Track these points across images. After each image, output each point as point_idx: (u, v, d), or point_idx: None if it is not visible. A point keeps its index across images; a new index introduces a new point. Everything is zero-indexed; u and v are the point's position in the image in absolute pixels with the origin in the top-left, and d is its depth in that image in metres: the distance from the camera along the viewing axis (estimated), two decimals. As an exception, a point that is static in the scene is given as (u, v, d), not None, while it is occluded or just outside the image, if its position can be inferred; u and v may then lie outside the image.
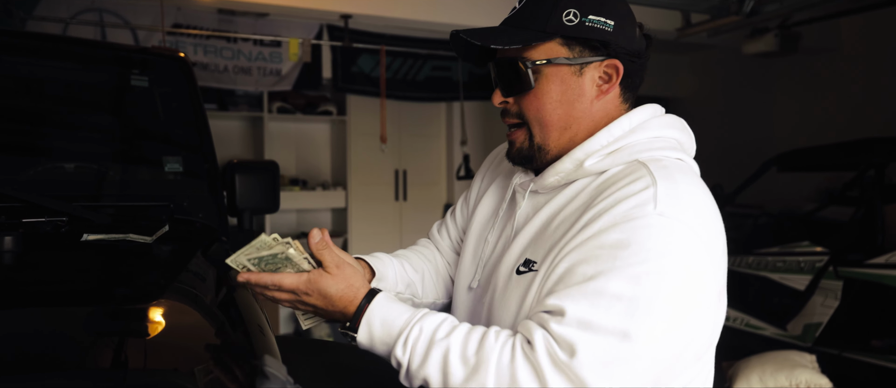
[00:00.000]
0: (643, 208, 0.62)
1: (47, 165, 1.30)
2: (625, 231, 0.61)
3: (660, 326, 0.59)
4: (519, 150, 0.75)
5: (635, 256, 0.60)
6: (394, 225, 4.30)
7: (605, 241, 0.62)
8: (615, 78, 0.72)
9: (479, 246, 0.83)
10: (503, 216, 0.81)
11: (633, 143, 0.70)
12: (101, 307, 0.84)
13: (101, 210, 1.14)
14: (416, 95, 4.00)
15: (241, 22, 3.55)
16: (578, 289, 0.61)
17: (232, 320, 0.90)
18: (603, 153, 0.70)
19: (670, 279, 0.59)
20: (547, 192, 0.75)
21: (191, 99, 1.43)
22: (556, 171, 0.73)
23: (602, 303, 0.59)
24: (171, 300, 0.92)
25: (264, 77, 3.69)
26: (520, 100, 0.73)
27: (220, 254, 1.21)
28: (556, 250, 0.67)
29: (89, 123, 1.40)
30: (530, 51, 0.71)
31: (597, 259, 0.62)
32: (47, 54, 1.34)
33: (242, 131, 4.20)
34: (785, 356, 2.45)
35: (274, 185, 1.50)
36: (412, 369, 0.65)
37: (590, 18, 0.69)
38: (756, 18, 2.78)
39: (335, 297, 0.69)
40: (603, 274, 0.60)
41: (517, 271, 0.72)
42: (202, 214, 1.31)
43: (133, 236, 0.72)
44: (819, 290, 2.79)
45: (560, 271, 0.65)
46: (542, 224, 0.73)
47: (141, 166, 1.41)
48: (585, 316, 0.59)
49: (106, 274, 0.97)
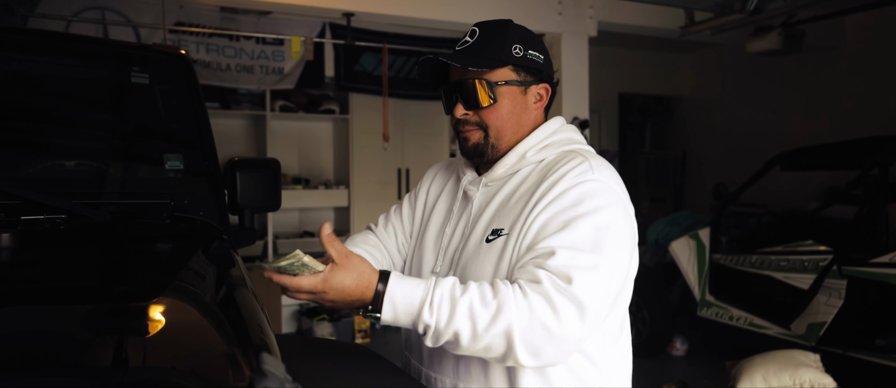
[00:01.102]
0: (586, 174, 0.88)
1: (47, 162, 1.30)
2: (578, 191, 0.86)
3: (615, 245, 0.84)
4: (475, 145, 0.96)
5: (590, 204, 0.85)
6: (395, 224, 4.30)
7: (566, 200, 0.86)
8: (545, 97, 0.99)
9: (439, 238, 1.02)
10: (458, 211, 1.02)
11: (557, 140, 0.96)
12: (101, 305, 0.84)
13: (101, 208, 1.13)
14: (418, 93, 3.99)
15: (244, 20, 3.55)
16: (557, 234, 0.83)
17: (231, 319, 0.90)
18: (538, 148, 0.96)
19: (615, 217, 0.86)
20: (495, 182, 0.98)
21: (191, 96, 1.43)
22: (503, 164, 0.96)
23: (577, 241, 0.82)
24: (170, 298, 0.92)
25: (267, 75, 3.69)
26: (480, 112, 0.95)
27: (221, 252, 1.21)
28: (524, 216, 0.88)
29: (90, 120, 1.39)
30: (490, 74, 0.93)
31: (563, 212, 0.85)
32: (48, 51, 1.34)
33: (245, 130, 4.21)
34: (789, 356, 2.44)
35: (275, 183, 1.49)
36: (440, 327, 0.79)
37: (530, 52, 0.95)
38: (759, 16, 2.76)
39: (351, 287, 0.81)
40: (572, 220, 0.84)
41: (487, 240, 0.92)
42: (203, 211, 1.31)
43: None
44: (823, 289, 2.77)
45: (535, 228, 0.86)
46: (501, 203, 0.94)
47: (141, 164, 1.40)
48: (568, 243, 0.81)
49: (105, 272, 0.97)
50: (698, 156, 5.57)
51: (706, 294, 3.32)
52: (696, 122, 5.71)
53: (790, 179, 3.97)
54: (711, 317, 3.27)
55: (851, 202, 3.37)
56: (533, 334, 0.76)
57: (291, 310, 4.15)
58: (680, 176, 5.70)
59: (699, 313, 3.32)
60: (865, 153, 2.93)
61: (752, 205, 4.12)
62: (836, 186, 4.02)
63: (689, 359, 3.35)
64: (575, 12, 3.57)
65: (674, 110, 5.96)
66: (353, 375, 1.04)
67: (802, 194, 4.29)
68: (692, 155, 5.66)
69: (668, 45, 5.15)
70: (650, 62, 5.60)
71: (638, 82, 5.60)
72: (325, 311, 3.91)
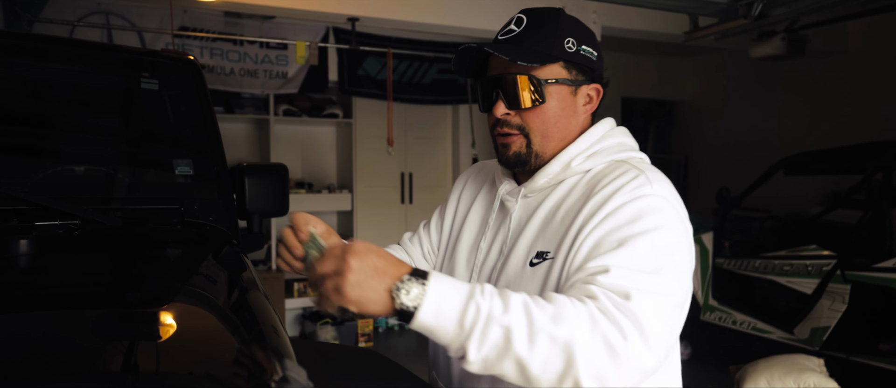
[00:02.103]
0: (643, 188, 0.77)
1: (57, 167, 1.30)
2: (635, 207, 0.75)
3: (676, 269, 0.73)
4: (516, 154, 0.84)
5: (648, 221, 0.74)
6: (399, 228, 4.30)
7: (621, 216, 0.75)
8: (596, 99, 0.87)
9: (472, 254, 0.92)
10: (494, 224, 0.91)
11: (606, 147, 0.85)
12: (115, 310, 0.84)
13: (112, 213, 1.14)
14: (422, 97, 4.00)
15: (248, 25, 3.56)
16: (612, 253, 0.72)
17: (246, 323, 0.90)
18: (585, 155, 0.84)
19: (676, 237, 0.75)
20: (536, 194, 0.86)
21: (200, 102, 1.44)
22: (546, 174, 0.85)
23: (635, 260, 0.71)
24: (184, 303, 0.91)
25: (270, 80, 3.70)
26: (523, 113, 0.83)
27: (232, 257, 1.21)
28: (572, 237, 0.77)
29: (99, 126, 1.41)
30: (539, 70, 0.81)
31: (618, 230, 0.74)
32: (57, 57, 1.35)
33: (248, 134, 4.21)
34: (793, 360, 2.44)
35: (283, 188, 1.50)
36: (495, 313, 0.63)
37: (583, 48, 0.83)
38: (764, 22, 2.77)
39: (379, 261, 0.64)
40: (629, 238, 0.72)
41: (530, 264, 0.81)
42: (212, 217, 1.31)
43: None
44: (826, 294, 2.77)
45: (586, 248, 0.75)
46: (544, 220, 0.83)
47: (151, 169, 1.41)
48: (625, 263, 0.70)
49: (118, 277, 0.98)
50: (701, 160, 5.58)
51: (709, 298, 3.32)
52: (699, 126, 5.72)
53: (792, 184, 3.97)
54: (715, 321, 3.26)
55: (854, 207, 3.37)
56: (595, 351, 0.63)
57: (295, 314, 4.15)
58: (682, 180, 5.70)
59: (702, 318, 3.32)
60: (869, 158, 2.93)
61: (755, 209, 4.12)
62: (838, 190, 4.02)
63: (692, 364, 3.34)
64: (579, 16, 3.54)
65: (676, 115, 5.97)
66: (358, 378, 1.04)
67: (805, 199, 4.29)
68: (695, 159, 5.66)
69: (672, 50, 5.17)
70: (653, 67, 5.61)
71: (641, 87, 5.61)
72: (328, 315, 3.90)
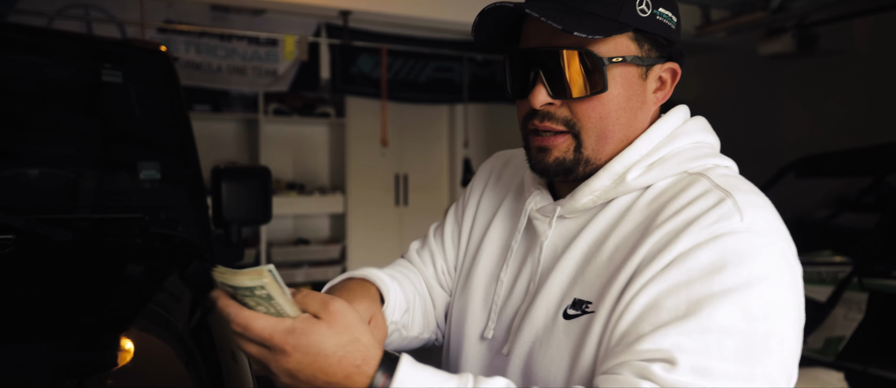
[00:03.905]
0: (728, 222, 0.52)
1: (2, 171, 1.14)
2: (714, 251, 0.51)
3: (779, 352, 0.50)
4: (559, 161, 0.60)
5: (734, 279, 0.50)
6: (394, 231, 4.16)
7: (694, 265, 0.51)
8: (670, 83, 0.63)
9: (489, 288, 0.69)
10: (519, 250, 0.68)
11: (676, 151, 0.61)
12: (64, 341, 0.74)
13: (58, 225, 0.98)
14: (417, 96, 3.86)
15: (236, 19, 3.41)
16: (678, 327, 0.49)
17: (203, 349, 0.80)
18: (644, 165, 0.60)
19: (781, 298, 0.51)
20: (576, 215, 0.63)
21: (171, 97, 1.28)
22: (590, 189, 0.61)
23: (712, 343, 0.48)
24: (139, 331, 0.81)
25: (260, 77, 3.54)
26: (573, 103, 0.59)
27: (200, 273, 1.06)
28: (620, 284, 0.55)
29: (52, 124, 1.24)
30: (599, 44, 0.57)
31: (688, 288, 0.51)
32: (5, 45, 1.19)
33: (237, 134, 4.06)
34: (813, 374, 2.31)
35: (265, 193, 1.35)
36: None
37: (660, 11, 0.59)
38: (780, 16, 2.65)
39: (331, 358, 0.46)
40: (702, 306, 0.49)
41: (565, 315, 0.59)
42: (182, 226, 1.16)
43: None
44: (842, 302, 2.65)
45: (639, 307, 0.52)
46: (585, 255, 0.60)
47: (111, 173, 1.25)
48: (700, 363, 0.47)
49: (68, 302, 0.83)
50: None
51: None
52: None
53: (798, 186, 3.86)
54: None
55: (863, 210, 3.26)
56: None
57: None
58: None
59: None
60: (884, 160, 2.82)
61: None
62: (845, 193, 3.91)
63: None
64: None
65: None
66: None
67: (811, 202, 4.18)
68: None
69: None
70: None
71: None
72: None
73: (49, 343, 0.74)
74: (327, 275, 4.05)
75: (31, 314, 0.78)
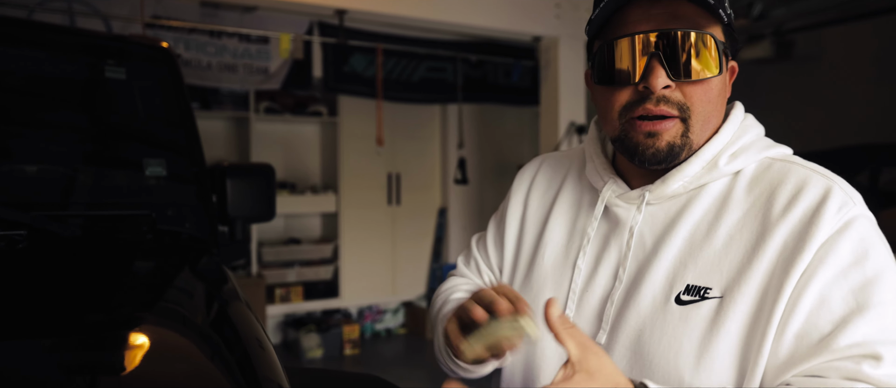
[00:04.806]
0: (849, 209, 0.56)
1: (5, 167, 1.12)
2: (852, 238, 0.55)
3: None
4: (671, 145, 0.60)
5: (877, 258, 0.55)
6: (386, 230, 4.16)
7: (841, 254, 0.55)
8: (732, 77, 0.67)
9: (562, 275, 0.69)
10: (598, 238, 0.67)
11: (753, 139, 0.64)
12: (70, 339, 0.73)
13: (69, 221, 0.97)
14: (410, 96, 3.87)
15: (226, 16, 3.37)
16: (859, 320, 0.53)
17: (228, 340, 0.79)
18: (729, 152, 0.63)
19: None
20: (664, 202, 0.64)
21: (176, 95, 1.27)
22: (683, 174, 0.62)
23: (887, 314, 0.53)
24: (154, 326, 0.80)
25: (251, 75, 3.50)
26: (686, 86, 0.59)
27: (210, 268, 1.06)
28: (760, 275, 0.56)
29: (57, 121, 1.23)
30: (713, 27, 0.60)
31: (846, 279, 0.54)
32: (8, 40, 1.17)
33: (227, 132, 4.01)
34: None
35: (269, 190, 1.35)
36: None
37: (730, 10, 0.62)
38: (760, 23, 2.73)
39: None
40: (868, 294, 0.53)
41: (677, 301, 0.59)
42: (189, 223, 1.15)
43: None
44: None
45: (808, 305, 0.54)
46: (689, 241, 0.61)
47: (117, 170, 1.24)
48: (884, 333, 0.52)
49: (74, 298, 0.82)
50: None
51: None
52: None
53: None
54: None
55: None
56: None
57: (276, 321, 3.96)
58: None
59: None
60: (852, 162, 2.94)
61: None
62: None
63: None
64: (573, 15, 3.50)
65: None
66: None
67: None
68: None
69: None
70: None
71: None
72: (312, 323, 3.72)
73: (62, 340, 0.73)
74: (319, 275, 4.03)
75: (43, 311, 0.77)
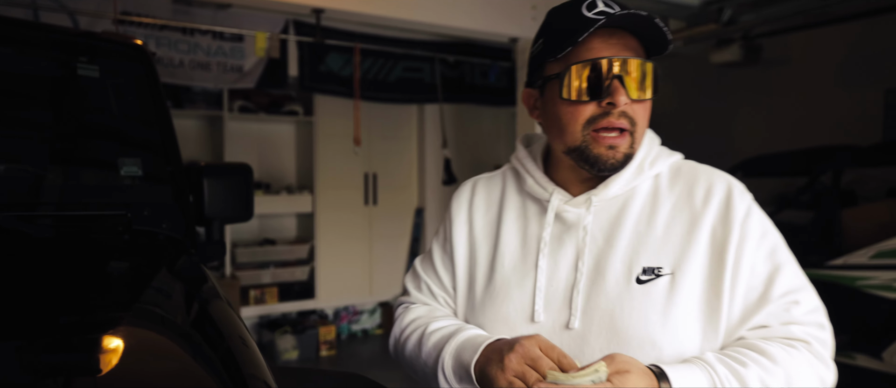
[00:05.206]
0: (746, 194, 0.76)
1: (-27, 166, 1.09)
2: (756, 213, 0.75)
3: None
4: (626, 156, 0.74)
5: (771, 228, 0.76)
6: (363, 230, 4.15)
7: (753, 225, 0.73)
8: None
9: (525, 277, 0.78)
10: (554, 241, 0.78)
11: (658, 148, 0.81)
12: (50, 340, 0.72)
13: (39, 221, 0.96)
14: (387, 96, 3.87)
15: (199, 13, 3.30)
16: (780, 274, 0.72)
17: (210, 339, 0.80)
18: (649, 160, 0.79)
19: None
20: (606, 203, 0.78)
21: (151, 93, 1.26)
22: (622, 179, 0.76)
23: (792, 265, 0.74)
24: (134, 327, 0.79)
25: (224, 73, 3.44)
26: (636, 105, 0.73)
27: (189, 268, 1.05)
28: (702, 252, 0.72)
29: (27, 119, 1.20)
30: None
31: (762, 242, 0.73)
32: (-27, 36, 1.13)
33: (199, 131, 3.93)
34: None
35: (247, 190, 1.35)
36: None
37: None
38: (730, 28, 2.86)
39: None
40: (774, 250, 0.73)
41: (638, 281, 0.72)
42: (166, 224, 1.14)
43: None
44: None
45: (745, 270, 0.72)
46: (635, 231, 0.75)
47: (91, 169, 1.22)
48: (800, 283, 0.73)
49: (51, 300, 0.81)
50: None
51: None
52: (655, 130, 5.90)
53: (745, 184, 4.15)
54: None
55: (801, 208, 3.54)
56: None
57: (252, 322, 3.90)
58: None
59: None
60: (817, 161, 3.09)
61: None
62: (786, 192, 4.24)
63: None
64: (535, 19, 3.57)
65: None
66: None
67: (758, 198, 4.49)
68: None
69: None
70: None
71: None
72: (287, 324, 3.69)
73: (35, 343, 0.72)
74: (295, 275, 3.99)
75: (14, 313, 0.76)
